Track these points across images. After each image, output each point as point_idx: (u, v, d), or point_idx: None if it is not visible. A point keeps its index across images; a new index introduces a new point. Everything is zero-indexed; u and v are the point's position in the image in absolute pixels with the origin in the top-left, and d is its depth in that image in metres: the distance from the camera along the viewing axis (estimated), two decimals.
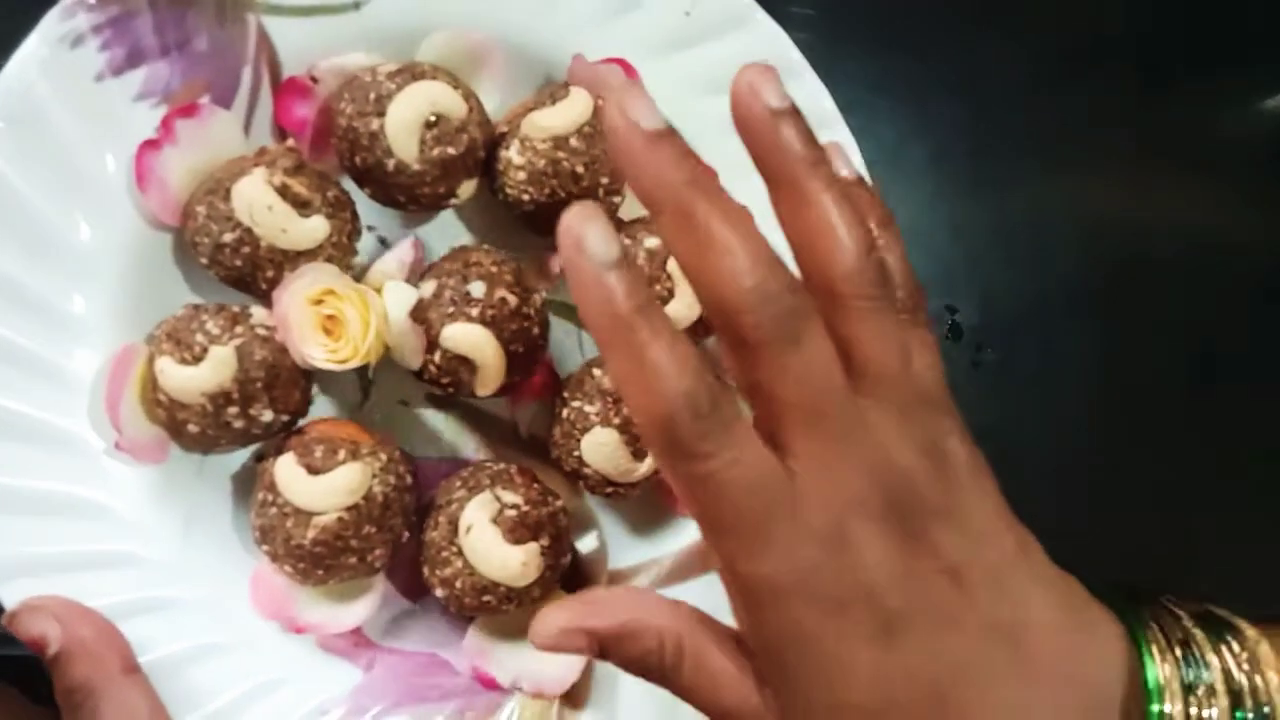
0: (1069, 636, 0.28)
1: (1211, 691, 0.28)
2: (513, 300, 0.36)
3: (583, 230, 0.23)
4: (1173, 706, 0.28)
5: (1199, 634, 0.30)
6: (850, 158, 0.27)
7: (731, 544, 0.25)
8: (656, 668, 0.28)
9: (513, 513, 0.36)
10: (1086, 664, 0.28)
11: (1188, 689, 0.28)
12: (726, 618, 0.37)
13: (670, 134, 0.25)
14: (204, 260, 0.35)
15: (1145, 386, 0.45)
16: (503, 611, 0.36)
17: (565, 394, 0.38)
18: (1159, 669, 0.28)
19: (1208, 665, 0.29)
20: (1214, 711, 0.28)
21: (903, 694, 0.26)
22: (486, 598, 0.35)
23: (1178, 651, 0.29)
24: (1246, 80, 0.48)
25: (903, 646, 0.26)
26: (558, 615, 0.28)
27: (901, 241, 0.28)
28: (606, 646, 0.28)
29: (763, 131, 0.26)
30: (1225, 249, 0.46)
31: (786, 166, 0.26)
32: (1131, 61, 0.47)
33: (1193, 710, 0.28)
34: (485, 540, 0.35)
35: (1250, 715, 0.28)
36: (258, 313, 0.35)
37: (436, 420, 0.40)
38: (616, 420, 0.37)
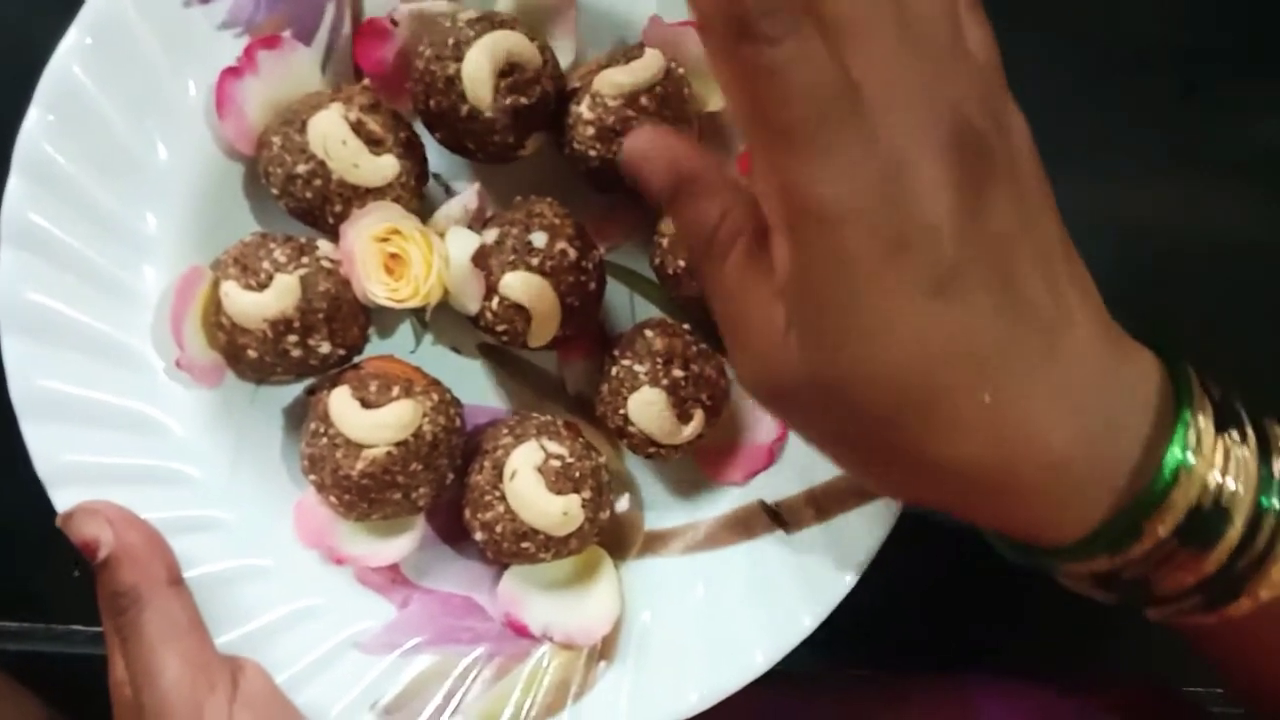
0: (1103, 352, 0.26)
1: (1244, 435, 0.27)
2: (573, 253, 0.36)
3: None
4: (1203, 441, 0.26)
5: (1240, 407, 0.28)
6: None
7: (783, 150, 0.23)
8: (705, 241, 0.27)
9: (557, 463, 0.36)
10: (1117, 385, 0.26)
11: (1221, 429, 0.26)
12: (767, 587, 0.37)
13: None
14: (275, 190, 0.36)
15: None
16: (539, 559, 0.36)
17: (615, 353, 0.38)
18: (1196, 398, 0.26)
19: (1240, 423, 0.27)
20: (1244, 452, 0.26)
21: (940, 353, 0.24)
22: (525, 544, 0.36)
23: (1219, 403, 0.27)
24: None
25: (953, 305, 0.24)
26: (652, 133, 0.28)
27: None
28: (677, 193, 0.27)
29: None
30: (1260, 256, 0.46)
31: None
32: (1166, 69, 0.47)
33: (1219, 456, 0.26)
34: (529, 487, 0.35)
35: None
36: (324, 246, 0.36)
37: (485, 370, 0.40)
38: (665, 381, 0.37)
